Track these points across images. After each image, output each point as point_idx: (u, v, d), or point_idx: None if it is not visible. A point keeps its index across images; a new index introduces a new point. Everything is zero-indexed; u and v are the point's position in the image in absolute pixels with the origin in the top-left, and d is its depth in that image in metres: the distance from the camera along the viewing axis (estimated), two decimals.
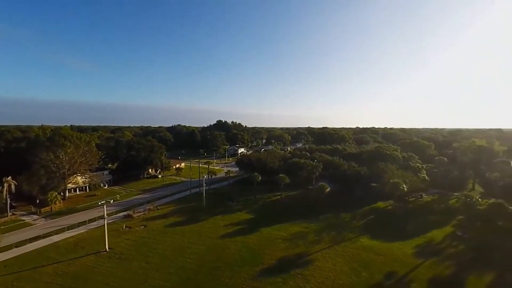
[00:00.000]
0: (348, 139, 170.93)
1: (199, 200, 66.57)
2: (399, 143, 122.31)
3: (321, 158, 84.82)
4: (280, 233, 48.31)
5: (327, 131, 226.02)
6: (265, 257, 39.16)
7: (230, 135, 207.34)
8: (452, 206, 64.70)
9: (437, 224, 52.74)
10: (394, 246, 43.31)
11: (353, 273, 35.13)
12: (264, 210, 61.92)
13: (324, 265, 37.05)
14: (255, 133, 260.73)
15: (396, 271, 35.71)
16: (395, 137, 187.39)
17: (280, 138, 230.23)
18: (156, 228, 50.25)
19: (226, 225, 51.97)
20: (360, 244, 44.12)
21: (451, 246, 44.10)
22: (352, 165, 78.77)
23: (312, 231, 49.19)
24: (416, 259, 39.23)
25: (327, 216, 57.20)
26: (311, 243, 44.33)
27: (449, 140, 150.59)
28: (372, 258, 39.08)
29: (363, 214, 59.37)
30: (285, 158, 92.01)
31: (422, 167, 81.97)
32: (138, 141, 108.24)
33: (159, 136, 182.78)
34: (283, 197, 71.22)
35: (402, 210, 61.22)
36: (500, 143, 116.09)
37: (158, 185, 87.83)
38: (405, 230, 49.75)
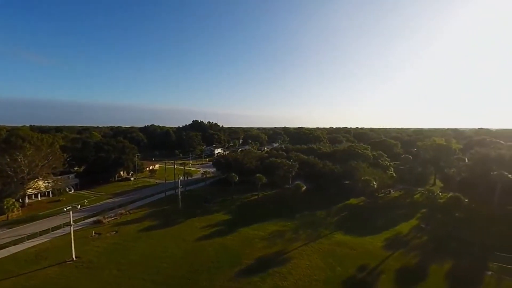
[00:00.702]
0: (323, 139, 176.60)
1: (174, 203, 64.77)
2: (369, 142, 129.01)
3: (297, 158, 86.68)
4: (258, 232, 48.61)
5: (302, 131, 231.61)
6: (243, 257, 39.16)
7: (206, 136, 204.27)
8: (416, 201, 69.60)
9: (404, 218, 56.41)
10: (365, 240, 45.60)
11: (328, 268, 36.39)
12: (241, 210, 61.89)
13: (301, 262, 37.95)
14: (232, 133, 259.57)
15: (367, 264, 37.60)
16: (365, 136, 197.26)
17: (257, 138, 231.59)
18: (129, 233, 48.01)
19: (203, 227, 51.13)
20: (335, 240, 45.85)
21: (416, 237, 47.42)
22: (326, 164, 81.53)
23: (289, 230, 50.13)
24: (386, 251, 41.64)
25: (304, 214, 58.66)
26: (288, 241, 45.16)
27: (413, 139, 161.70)
28: (345, 253, 40.79)
29: (337, 211, 61.71)
30: (262, 158, 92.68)
31: (390, 165, 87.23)
32: (108, 142, 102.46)
33: (131, 136, 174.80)
34: (260, 197, 71.72)
35: (373, 206, 64.63)
36: (456, 141, 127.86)
37: (130, 188, 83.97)
38: (376, 225, 52.59)
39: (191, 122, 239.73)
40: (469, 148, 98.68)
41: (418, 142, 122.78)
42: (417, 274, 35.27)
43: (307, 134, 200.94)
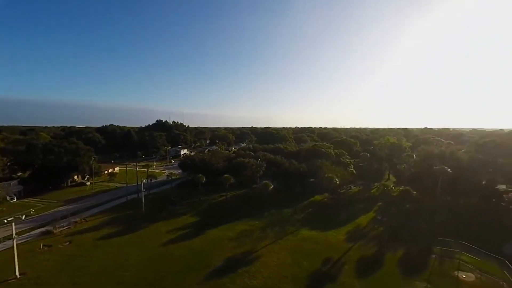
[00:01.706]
0: (289, 138, 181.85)
1: (137, 207, 61.26)
2: (332, 142, 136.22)
3: (264, 157, 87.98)
4: (227, 233, 48.33)
5: (269, 131, 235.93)
6: (212, 259, 38.60)
7: (171, 136, 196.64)
8: (373, 195, 75.43)
9: (363, 211, 60.75)
10: (329, 235, 48.15)
11: (295, 264, 37.64)
12: (209, 212, 60.94)
13: (270, 260, 38.67)
14: (199, 133, 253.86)
15: (331, 256, 39.75)
16: (328, 136, 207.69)
17: (224, 138, 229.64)
18: (85, 243, 44.17)
19: (169, 231, 49.20)
20: (301, 236, 47.59)
21: (374, 229, 51.44)
22: (292, 163, 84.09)
23: (257, 229, 50.71)
24: (347, 243, 44.45)
25: (271, 212, 59.83)
26: (257, 240, 45.67)
27: (370, 138, 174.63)
28: (311, 248, 42.59)
29: (303, 208, 64.10)
30: (229, 158, 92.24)
31: (350, 162, 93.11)
32: (59, 143, 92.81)
33: (86, 137, 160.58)
34: (228, 197, 71.35)
35: (335, 202, 68.45)
36: (406, 140, 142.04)
37: (86, 194, 77.29)
38: (338, 219, 55.81)
39: (155, 122, 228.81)
40: (416, 145, 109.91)
41: (374, 141, 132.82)
42: (375, 262, 38.27)
43: (274, 134, 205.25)
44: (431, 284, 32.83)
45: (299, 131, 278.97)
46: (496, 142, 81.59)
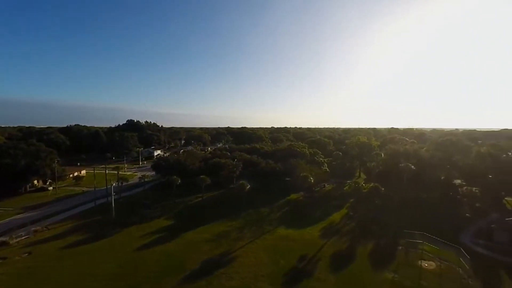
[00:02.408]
0: (265, 138, 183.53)
1: (107, 212, 57.96)
2: (307, 141, 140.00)
3: (241, 157, 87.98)
4: (204, 235, 47.54)
5: (245, 131, 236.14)
6: (188, 262, 37.73)
7: (144, 136, 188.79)
8: (346, 192, 78.71)
9: (336, 208, 63.16)
10: (305, 232, 49.42)
11: (272, 262, 38.09)
12: (185, 214, 59.49)
13: (247, 260, 38.73)
14: (173, 133, 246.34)
15: (307, 253, 40.82)
16: (303, 136, 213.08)
17: (200, 139, 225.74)
18: (48, 253, 40.83)
19: (142, 236, 47.20)
20: (278, 234, 48.29)
21: (346, 224, 53.73)
22: (269, 163, 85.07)
23: (234, 229, 50.53)
24: (322, 240, 45.95)
25: (248, 212, 59.96)
26: (234, 240, 45.49)
27: (342, 138, 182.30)
28: (288, 246, 43.38)
29: (279, 206, 65.06)
30: (205, 159, 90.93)
31: (324, 161, 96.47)
32: (16, 145, 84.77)
33: (48, 138, 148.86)
34: (205, 198, 70.22)
35: (310, 200, 70.39)
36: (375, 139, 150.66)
37: (48, 200, 71.45)
38: (313, 216, 57.47)
39: (126, 122, 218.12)
40: (384, 144, 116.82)
41: (346, 141, 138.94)
42: (348, 257, 40.02)
43: (250, 134, 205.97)
44: (398, 274, 35.08)
45: (275, 131, 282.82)
46: (452, 141, 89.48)
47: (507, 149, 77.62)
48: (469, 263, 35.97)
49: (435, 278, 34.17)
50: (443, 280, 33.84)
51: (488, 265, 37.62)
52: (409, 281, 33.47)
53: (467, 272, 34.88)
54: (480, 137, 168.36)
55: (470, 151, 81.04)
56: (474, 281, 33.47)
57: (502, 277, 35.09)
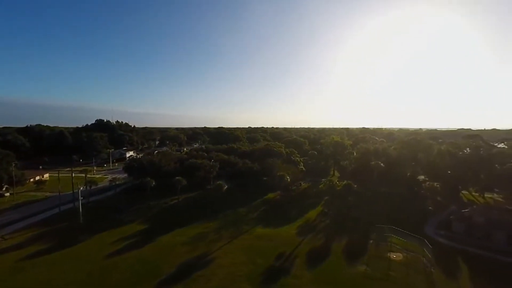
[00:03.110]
0: (242, 138, 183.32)
1: (74, 218, 54.34)
2: (283, 141, 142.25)
3: (218, 158, 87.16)
4: (180, 238, 46.38)
5: (223, 130, 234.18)
6: (163, 266, 36.59)
7: (115, 137, 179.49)
8: (321, 190, 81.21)
9: (312, 206, 64.91)
10: (282, 230, 50.20)
11: (250, 262, 38.21)
12: (160, 217, 57.60)
13: (225, 261, 38.46)
14: (147, 134, 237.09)
15: (284, 251, 41.50)
16: (280, 135, 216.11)
17: (176, 139, 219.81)
18: (3, 266, 37.26)
19: (114, 242, 44.87)
20: (256, 234, 48.55)
21: (321, 221, 55.46)
22: (246, 163, 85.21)
23: (212, 230, 49.91)
24: (299, 238, 46.98)
25: (226, 213, 59.58)
26: (211, 242, 44.94)
27: (317, 137, 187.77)
28: (265, 245, 43.78)
29: (257, 206, 65.43)
30: (181, 160, 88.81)
31: (300, 160, 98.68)
32: None
33: (4, 140, 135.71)
34: (181, 200, 68.56)
35: (287, 198, 71.65)
36: (348, 138, 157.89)
37: (5, 207, 65.26)
38: (290, 215, 58.57)
39: (94, 122, 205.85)
40: (356, 144, 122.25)
41: (321, 140, 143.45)
42: (323, 253, 41.34)
43: (227, 134, 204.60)
44: (369, 267, 36.97)
45: (252, 131, 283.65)
46: (417, 140, 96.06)
47: (463, 147, 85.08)
48: (432, 252, 38.94)
49: (402, 268, 36.49)
50: (409, 269, 36.26)
51: (448, 253, 41.00)
52: (379, 273, 35.42)
53: (430, 261, 37.71)
54: (440, 136, 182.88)
55: (432, 149, 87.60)
56: (436, 268, 36.28)
57: (459, 263, 38.43)
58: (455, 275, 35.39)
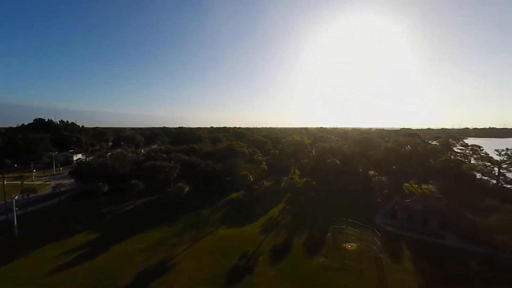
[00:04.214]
0: (204, 138, 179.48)
1: (7, 232, 47.25)
2: (246, 141, 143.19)
3: (178, 159, 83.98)
4: (137, 245, 43.53)
5: (183, 131, 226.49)
6: (119, 277, 33.98)
7: (59, 138, 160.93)
8: (283, 188, 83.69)
9: (274, 204, 66.54)
10: (246, 230, 50.50)
11: (215, 264, 37.67)
12: (115, 224, 53.32)
13: (188, 265, 37.28)
14: (98, 134, 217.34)
15: (248, 250, 41.82)
16: (242, 135, 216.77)
17: (132, 140, 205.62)
18: None
19: (59, 256, 40.17)
20: (219, 235, 48.00)
21: (283, 218, 57.19)
22: (208, 163, 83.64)
23: (172, 235, 47.91)
24: (262, 236, 47.77)
25: (188, 215, 57.76)
26: (172, 247, 43.14)
27: (279, 137, 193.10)
28: (229, 245, 43.57)
29: (220, 207, 64.73)
30: (138, 162, 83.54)
31: (263, 160, 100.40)
32: None
33: None
34: (138, 205, 64.43)
35: (250, 198, 72.29)
36: (307, 137, 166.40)
37: None
38: (254, 214, 59.20)
39: (33, 121, 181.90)
40: (315, 142, 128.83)
41: (282, 140, 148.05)
42: (285, 249, 42.69)
43: (189, 134, 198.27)
44: (327, 258, 39.33)
45: (215, 131, 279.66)
46: (367, 138, 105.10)
47: (405, 145, 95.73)
48: (380, 240, 43.03)
49: (356, 257, 39.62)
50: (362, 257, 39.53)
51: (393, 240, 45.71)
52: (336, 263, 37.92)
53: (379, 248, 41.61)
54: (387, 135, 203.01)
55: (380, 147, 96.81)
56: (384, 254, 40.19)
57: (403, 247, 43.15)
58: (399, 258, 39.65)
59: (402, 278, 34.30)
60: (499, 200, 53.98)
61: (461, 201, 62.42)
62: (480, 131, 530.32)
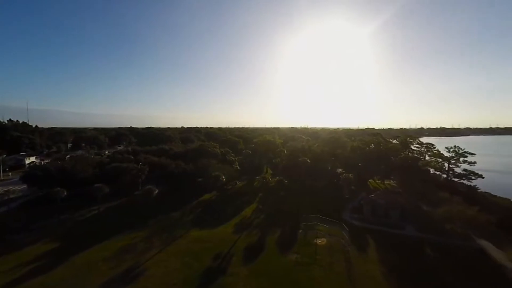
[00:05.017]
0: (174, 139, 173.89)
1: None
2: (218, 141, 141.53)
3: (147, 160, 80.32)
4: (102, 253, 40.72)
5: (152, 131, 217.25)
6: None
7: (8, 140, 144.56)
8: (255, 187, 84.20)
9: (247, 203, 66.67)
10: (219, 231, 49.90)
11: (186, 268, 36.63)
12: (75, 232, 49.28)
13: (157, 271, 35.80)
14: (55, 135, 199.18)
15: (221, 251, 41.37)
16: (214, 135, 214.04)
17: (94, 141, 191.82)
18: None
19: (7, 271, 36.04)
20: (191, 237, 46.80)
21: (256, 217, 57.54)
22: (179, 164, 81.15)
23: (141, 240, 45.64)
24: (235, 235, 47.56)
25: (158, 219, 55.46)
26: (141, 253, 41.08)
27: (251, 137, 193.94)
28: (202, 247, 42.69)
29: (192, 208, 63.14)
30: (102, 164, 78.16)
31: (235, 160, 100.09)
32: None
33: None
34: (102, 211, 60.32)
35: (223, 198, 71.64)
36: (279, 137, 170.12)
37: None
38: (227, 214, 58.73)
39: None
40: (286, 142, 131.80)
41: (254, 139, 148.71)
42: (258, 247, 42.99)
43: (158, 134, 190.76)
44: (299, 254, 40.42)
45: (186, 131, 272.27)
46: (335, 138, 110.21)
47: (369, 143, 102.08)
48: (348, 234, 45.37)
49: (326, 252, 41.27)
50: (331, 252, 41.29)
51: (360, 233, 48.45)
52: (307, 258, 39.13)
53: (347, 241, 43.85)
54: (353, 134, 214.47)
55: (347, 145, 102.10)
56: (352, 247, 42.42)
57: (368, 239, 45.94)
58: (365, 250, 42.13)
59: (367, 269, 36.50)
60: (448, 193, 59.99)
61: (417, 194, 68.31)
62: (433, 131, 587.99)
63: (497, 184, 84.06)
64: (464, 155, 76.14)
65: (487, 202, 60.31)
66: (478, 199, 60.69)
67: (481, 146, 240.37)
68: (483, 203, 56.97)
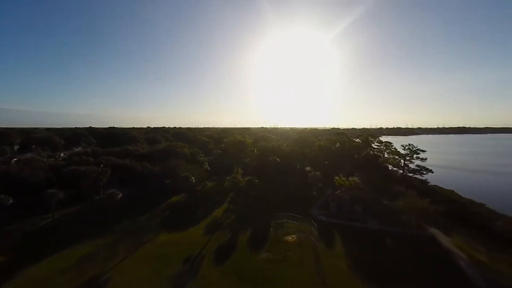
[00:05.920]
0: (140, 139, 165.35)
1: None
2: (187, 141, 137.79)
3: (109, 162, 75.23)
4: (58, 264, 37.20)
5: (115, 131, 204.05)
6: None
7: None
8: (226, 187, 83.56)
9: (218, 204, 65.91)
10: (189, 233, 48.60)
11: (154, 273, 35.08)
12: (25, 244, 44.29)
13: (122, 279, 33.73)
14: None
15: (191, 254, 40.37)
16: (183, 135, 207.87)
17: (47, 142, 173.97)
18: None
19: None
20: (159, 241, 44.92)
21: (227, 218, 57.19)
22: (145, 165, 77.42)
23: (104, 247, 42.60)
24: (206, 237, 46.75)
25: (122, 224, 52.24)
26: (104, 261, 38.35)
27: (221, 136, 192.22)
28: (171, 251, 41.22)
29: (159, 211, 60.63)
30: (56, 167, 71.42)
31: (205, 160, 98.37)
32: None
33: None
34: (56, 218, 55.12)
35: (193, 199, 69.94)
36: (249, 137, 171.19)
37: None
38: (197, 216, 57.44)
39: None
40: (256, 142, 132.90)
41: (224, 139, 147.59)
42: (230, 247, 42.78)
43: (121, 134, 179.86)
44: (271, 252, 41.07)
45: (152, 131, 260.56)
46: (304, 137, 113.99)
47: (335, 143, 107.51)
48: (316, 230, 47.26)
49: (296, 248, 42.50)
50: (301, 248, 42.63)
51: (327, 228, 50.76)
52: (278, 255, 39.93)
53: (316, 237, 45.66)
54: (320, 134, 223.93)
55: (315, 145, 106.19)
56: (320, 242, 44.28)
57: (335, 234, 48.35)
58: (332, 244, 44.26)
59: (334, 263, 38.35)
60: (404, 187, 65.71)
61: (378, 189, 73.60)
62: (390, 130, 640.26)
63: (444, 178, 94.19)
64: (417, 152, 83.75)
65: (436, 194, 67.17)
66: (429, 191, 67.33)
67: (430, 145, 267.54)
68: (433, 195, 63.39)
